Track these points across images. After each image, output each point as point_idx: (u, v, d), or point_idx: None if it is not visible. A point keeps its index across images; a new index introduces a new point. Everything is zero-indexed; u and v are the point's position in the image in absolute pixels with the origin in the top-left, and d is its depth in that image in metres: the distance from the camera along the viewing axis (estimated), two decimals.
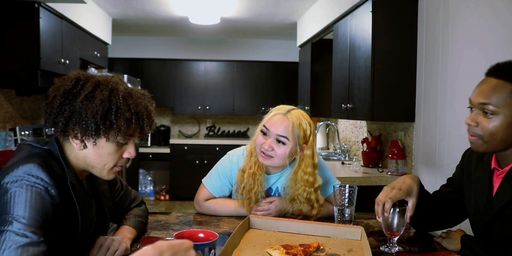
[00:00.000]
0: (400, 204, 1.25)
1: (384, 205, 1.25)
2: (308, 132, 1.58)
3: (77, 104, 1.07)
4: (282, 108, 1.63)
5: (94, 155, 1.12)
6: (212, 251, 1.01)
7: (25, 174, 1.01)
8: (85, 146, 1.10)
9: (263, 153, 1.58)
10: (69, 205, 1.10)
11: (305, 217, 1.62)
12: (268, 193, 1.71)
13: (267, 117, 1.62)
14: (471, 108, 1.22)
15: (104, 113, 1.07)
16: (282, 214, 1.63)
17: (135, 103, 1.11)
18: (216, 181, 1.71)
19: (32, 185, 1.00)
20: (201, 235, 1.09)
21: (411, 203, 1.30)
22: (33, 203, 0.98)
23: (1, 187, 1.00)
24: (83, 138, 1.09)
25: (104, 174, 1.16)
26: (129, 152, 1.15)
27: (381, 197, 1.28)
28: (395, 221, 1.23)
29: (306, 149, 1.59)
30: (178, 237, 1.03)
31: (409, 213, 1.29)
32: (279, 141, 1.56)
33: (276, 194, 1.71)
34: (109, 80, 1.12)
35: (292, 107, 1.64)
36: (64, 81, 1.11)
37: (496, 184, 1.25)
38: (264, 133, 1.59)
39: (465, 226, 1.39)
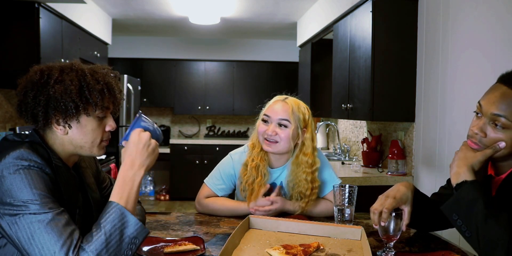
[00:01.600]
0: (396, 209, 1.25)
1: (380, 213, 1.24)
2: (307, 116, 1.66)
3: (50, 91, 1.10)
4: (280, 97, 1.70)
5: (79, 135, 1.15)
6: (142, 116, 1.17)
7: (17, 160, 1.02)
8: (70, 127, 1.13)
9: (267, 140, 1.62)
10: (57, 186, 1.12)
11: (304, 199, 1.64)
12: (272, 188, 1.71)
13: (266, 107, 1.68)
14: (477, 113, 1.17)
15: (77, 90, 1.10)
16: (282, 212, 1.64)
17: (102, 76, 1.17)
18: (219, 180, 1.73)
19: (28, 168, 1.02)
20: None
21: (406, 211, 1.28)
22: (37, 184, 1.01)
23: None
24: (66, 120, 1.12)
25: (94, 151, 1.19)
26: (110, 124, 1.20)
27: (376, 205, 1.27)
28: (392, 226, 1.23)
29: (306, 133, 1.65)
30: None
31: (404, 221, 1.27)
32: (281, 125, 1.62)
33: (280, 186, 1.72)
34: (71, 63, 1.17)
35: (288, 96, 1.72)
36: (29, 77, 1.14)
37: (493, 191, 1.23)
38: (265, 121, 1.65)
39: None
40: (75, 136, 1.15)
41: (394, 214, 1.23)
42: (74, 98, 1.10)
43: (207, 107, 6.06)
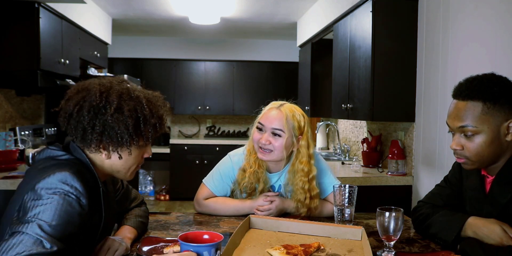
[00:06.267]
0: (395, 209, 1.25)
1: None
2: (302, 123, 1.62)
3: (108, 119, 1.09)
4: (275, 103, 1.67)
5: (122, 161, 1.16)
6: (218, 252, 1.03)
7: (60, 182, 1.02)
8: (120, 157, 1.14)
9: (261, 148, 1.61)
10: (96, 211, 1.12)
11: (304, 207, 1.64)
12: (271, 191, 1.72)
13: (261, 114, 1.66)
14: (451, 132, 1.29)
15: (134, 124, 1.11)
16: (283, 213, 1.64)
17: (156, 109, 1.17)
18: (218, 181, 1.72)
19: (66, 194, 1.01)
20: (206, 236, 1.09)
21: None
22: (63, 213, 0.99)
23: (34, 191, 1.00)
24: (117, 149, 1.13)
25: (127, 176, 1.22)
26: (148, 152, 1.22)
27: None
28: (391, 225, 1.23)
29: (302, 140, 1.62)
30: (183, 238, 1.03)
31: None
32: (275, 134, 1.59)
33: (279, 192, 1.72)
34: (128, 89, 1.15)
35: (284, 101, 1.69)
36: (85, 92, 1.12)
37: (487, 190, 1.30)
38: (260, 129, 1.63)
39: None
40: (117, 162, 1.16)
41: (394, 214, 1.23)
42: (130, 130, 1.10)
43: (207, 107, 6.06)
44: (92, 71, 4.31)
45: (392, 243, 1.25)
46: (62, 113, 1.13)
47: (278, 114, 1.60)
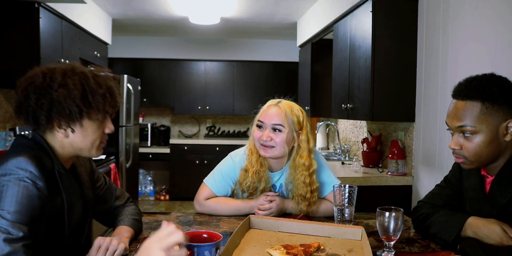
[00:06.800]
0: (395, 209, 1.25)
1: None
2: (301, 118, 1.65)
3: (53, 95, 1.10)
4: (273, 101, 1.69)
5: (80, 138, 1.17)
6: (218, 251, 1.03)
7: (14, 168, 1.04)
8: (73, 131, 1.14)
9: (263, 145, 1.62)
10: (57, 195, 1.13)
11: (305, 201, 1.64)
12: (272, 190, 1.72)
13: (259, 112, 1.68)
14: (450, 131, 1.30)
15: (81, 95, 1.12)
16: (283, 212, 1.65)
17: (103, 80, 1.18)
18: (220, 181, 1.72)
19: (21, 179, 1.03)
20: (205, 235, 1.09)
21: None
22: (20, 198, 1.01)
23: None
24: (69, 124, 1.13)
25: (93, 152, 1.21)
26: (109, 127, 1.22)
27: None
28: (391, 225, 1.23)
29: (301, 135, 1.64)
30: None
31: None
32: (275, 129, 1.61)
33: (280, 191, 1.73)
34: (73, 67, 1.17)
35: (281, 99, 1.71)
36: (30, 79, 1.14)
37: (487, 190, 1.31)
38: (260, 126, 1.64)
39: None
40: (75, 139, 1.16)
41: (394, 214, 1.23)
42: (77, 102, 1.11)
43: (207, 107, 6.06)
44: None
45: (392, 243, 1.25)
46: (15, 103, 1.15)
47: (277, 110, 1.62)
